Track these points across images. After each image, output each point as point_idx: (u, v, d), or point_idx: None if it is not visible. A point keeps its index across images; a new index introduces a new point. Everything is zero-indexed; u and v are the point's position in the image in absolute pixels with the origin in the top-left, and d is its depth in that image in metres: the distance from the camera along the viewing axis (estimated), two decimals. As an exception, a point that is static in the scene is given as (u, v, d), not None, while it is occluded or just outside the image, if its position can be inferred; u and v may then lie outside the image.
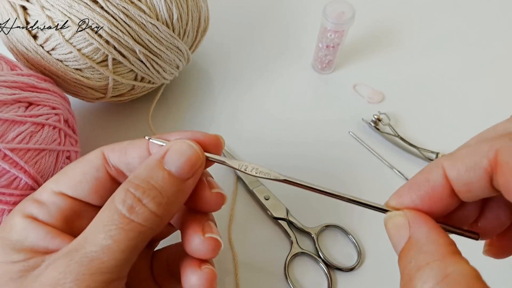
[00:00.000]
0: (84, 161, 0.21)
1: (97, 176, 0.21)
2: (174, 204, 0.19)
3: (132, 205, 0.18)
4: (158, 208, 0.18)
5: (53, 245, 0.19)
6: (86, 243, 0.17)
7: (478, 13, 0.51)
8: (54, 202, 0.20)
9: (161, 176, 0.19)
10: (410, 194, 0.19)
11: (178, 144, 0.20)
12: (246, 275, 0.32)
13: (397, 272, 0.36)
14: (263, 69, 0.45)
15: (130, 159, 0.21)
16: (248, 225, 0.35)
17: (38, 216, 0.20)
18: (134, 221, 0.18)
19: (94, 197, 0.21)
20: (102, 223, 0.18)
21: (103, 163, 0.21)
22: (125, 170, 0.21)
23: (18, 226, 0.20)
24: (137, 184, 0.18)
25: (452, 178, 0.18)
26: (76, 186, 0.21)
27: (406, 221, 0.18)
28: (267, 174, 0.21)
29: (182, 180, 0.19)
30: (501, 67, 0.46)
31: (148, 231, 0.18)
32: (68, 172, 0.21)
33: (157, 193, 0.18)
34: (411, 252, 0.17)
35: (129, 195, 0.18)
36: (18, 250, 0.19)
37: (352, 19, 0.38)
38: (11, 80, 0.27)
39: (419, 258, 0.16)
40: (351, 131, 0.40)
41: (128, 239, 0.17)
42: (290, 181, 0.21)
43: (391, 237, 0.19)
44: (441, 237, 0.17)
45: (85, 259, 0.17)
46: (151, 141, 0.21)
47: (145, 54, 0.33)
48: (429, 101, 0.43)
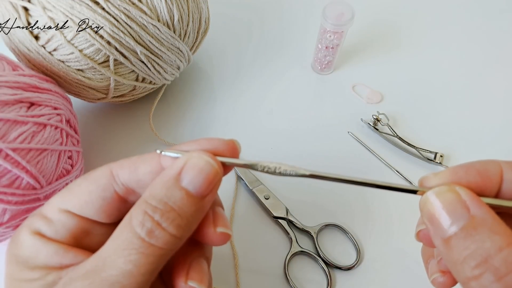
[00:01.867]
0: (90, 179, 0.20)
1: (104, 196, 0.20)
2: (193, 224, 0.19)
3: (152, 228, 0.17)
4: (177, 230, 0.18)
5: (66, 260, 0.19)
6: (106, 266, 0.17)
7: (478, 13, 0.51)
8: (61, 220, 0.20)
9: (179, 197, 0.18)
10: (467, 175, 0.18)
11: (195, 159, 0.19)
12: (246, 273, 0.32)
13: (396, 271, 0.36)
14: (263, 69, 0.46)
15: (141, 176, 0.20)
16: (248, 224, 0.35)
17: (46, 233, 0.20)
18: (154, 245, 0.17)
19: (102, 217, 0.21)
20: (120, 246, 0.17)
21: (111, 182, 0.20)
22: (136, 187, 0.20)
23: (27, 243, 0.19)
24: (155, 206, 0.18)
25: (507, 178, 0.18)
26: (82, 206, 0.20)
27: (462, 198, 0.16)
28: (292, 171, 0.20)
29: (201, 198, 0.19)
30: (501, 67, 0.46)
31: (168, 253, 0.18)
32: (75, 190, 0.20)
33: (176, 215, 0.18)
34: (477, 234, 0.16)
35: (147, 217, 0.18)
36: (32, 267, 0.19)
37: (351, 20, 0.38)
38: (13, 80, 0.27)
39: (490, 242, 0.15)
40: (350, 131, 0.41)
41: (148, 263, 0.17)
42: (316, 175, 0.20)
43: (438, 217, 0.17)
44: (499, 219, 0.16)
45: (105, 283, 0.17)
46: (164, 154, 0.20)
47: (146, 55, 0.33)
48: (428, 101, 0.43)
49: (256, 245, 0.34)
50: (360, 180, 0.19)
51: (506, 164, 0.19)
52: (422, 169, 0.38)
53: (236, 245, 0.34)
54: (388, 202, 0.36)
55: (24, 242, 0.19)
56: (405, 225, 0.35)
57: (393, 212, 0.35)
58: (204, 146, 0.20)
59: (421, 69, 0.46)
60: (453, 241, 0.16)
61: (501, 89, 0.44)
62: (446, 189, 0.17)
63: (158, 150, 0.20)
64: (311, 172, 0.20)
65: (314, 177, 0.20)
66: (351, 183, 0.20)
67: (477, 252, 0.16)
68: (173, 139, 0.40)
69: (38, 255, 0.19)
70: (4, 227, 0.27)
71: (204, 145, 0.20)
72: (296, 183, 0.37)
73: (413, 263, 0.32)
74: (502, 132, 0.41)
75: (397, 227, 0.34)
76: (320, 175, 0.20)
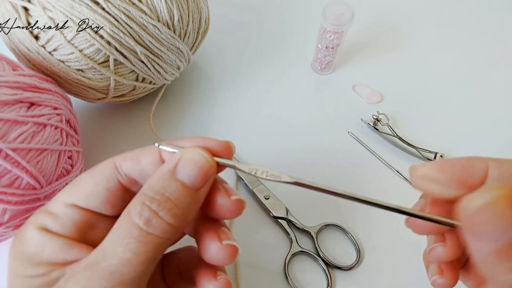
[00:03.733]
0: (95, 171, 0.21)
1: (109, 186, 0.21)
2: (189, 214, 0.19)
3: (149, 218, 0.18)
4: (174, 219, 0.19)
5: (71, 255, 0.19)
6: (106, 257, 0.18)
7: (478, 13, 0.51)
8: (67, 213, 0.20)
9: (175, 187, 0.19)
10: (451, 169, 0.20)
11: (190, 153, 0.20)
12: (246, 273, 0.32)
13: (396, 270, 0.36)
14: (263, 69, 0.46)
15: (143, 166, 0.21)
16: (248, 224, 0.35)
17: (52, 228, 0.20)
18: (152, 234, 0.18)
19: (106, 208, 0.21)
20: (120, 236, 0.18)
21: (115, 173, 0.21)
22: (138, 178, 0.22)
23: (33, 239, 0.20)
24: (152, 196, 0.19)
25: (492, 175, 0.19)
26: (88, 197, 0.21)
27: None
28: (277, 177, 0.21)
29: (195, 190, 0.20)
30: (502, 67, 0.46)
31: (165, 242, 0.19)
32: (80, 183, 0.21)
33: (172, 205, 0.19)
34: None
35: (145, 208, 0.18)
36: (36, 263, 0.19)
37: (351, 20, 0.38)
38: (13, 80, 0.27)
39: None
40: (350, 131, 0.41)
41: (147, 251, 0.18)
42: (300, 183, 0.21)
43: (492, 226, 0.16)
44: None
45: (105, 272, 0.17)
46: (161, 148, 0.21)
47: (146, 55, 0.33)
48: (428, 101, 0.43)
49: (256, 245, 0.34)
50: (341, 192, 0.20)
51: (492, 161, 0.20)
52: (422, 169, 0.38)
53: (236, 245, 0.34)
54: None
55: (30, 238, 0.20)
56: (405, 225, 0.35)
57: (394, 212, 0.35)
58: (200, 143, 0.21)
59: (421, 69, 0.46)
60: (494, 258, 0.17)
61: (501, 89, 0.44)
62: (497, 194, 0.16)
63: (156, 144, 0.21)
64: (296, 179, 0.21)
65: (299, 185, 0.21)
66: (330, 193, 0.20)
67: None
68: (173, 139, 0.40)
69: (43, 251, 0.19)
70: (4, 227, 0.27)
71: (200, 142, 0.21)
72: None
73: (413, 263, 0.32)
74: (502, 132, 0.41)
75: (397, 227, 0.34)
76: (305, 184, 0.21)
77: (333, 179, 0.38)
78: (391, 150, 0.39)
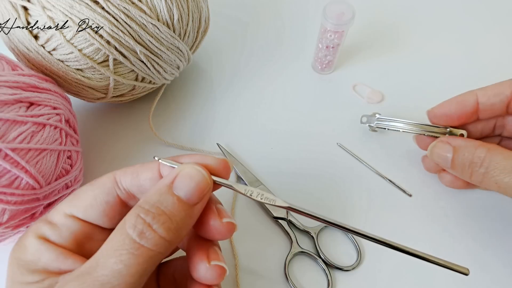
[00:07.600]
0: (95, 184, 0.22)
1: (108, 200, 0.21)
2: (183, 229, 0.20)
3: (143, 230, 0.18)
4: (167, 233, 0.19)
5: (65, 265, 0.20)
6: (98, 267, 0.18)
7: (478, 14, 0.51)
8: (66, 224, 0.21)
9: (171, 202, 0.19)
10: (449, 105, 0.31)
11: (187, 169, 0.20)
12: (246, 274, 0.32)
13: (396, 271, 0.36)
14: (263, 69, 0.46)
15: (142, 181, 0.22)
16: (248, 224, 0.35)
17: (50, 237, 0.21)
18: (144, 246, 0.18)
19: (104, 220, 0.22)
20: (113, 247, 0.18)
21: (114, 187, 0.22)
22: (137, 193, 0.22)
23: (31, 247, 0.20)
24: (147, 209, 0.19)
25: (481, 102, 0.29)
26: (87, 209, 0.21)
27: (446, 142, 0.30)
28: (272, 200, 0.22)
29: (191, 205, 0.20)
30: (503, 67, 0.46)
31: (157, 256, 0.19)
32: (81, 195, 0.22)
33: (166, 219, 0.19)
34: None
35: (139, 220, 0.19)
36: (32, 270, 0.19)
37: (352, 20, 0.38)
38: (12, 80, 0.27)
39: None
40: (350, 131, 0.40)
41: (138, 263, 0.18)
42: (293, 208, 0.22)
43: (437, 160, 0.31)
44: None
45: (96, 283, 0.17)
46: (161, 162, 0.22)
47: (146, 54, 0.33)
48: (428, 101, 0.43)
49: (256, 246, 0.34)
50: (338, 224, 0.22)
51: (479, 91, 0.30)
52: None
53: (236, 246, 0.33)
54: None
55: (29, 246, 0.20)
56: (405, 226, 0.34)
57: (393, 212, 0.35)
58: (199, 161, 0.22)
59: (422, 68, 0.46)
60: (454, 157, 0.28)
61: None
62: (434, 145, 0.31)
63: (156, 157, 0.22)
64: (290, 205, 0.22)
65: (292, 210, 0.22)
66: (323, 221, 0.22)
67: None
68: (173, 138, 0.40)
69: (40, 259, 0.20)
70: (3, 227, 0.27)
71: (198, 159, 0.22)
72: (296, 183, 0.37)
73: (414, 263, 0.32)
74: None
75: (397, 227, 0.34)
76: (298, 210, 0.22)
77: (332, 178, 0.38)
78: (387, 155, 0.39)
